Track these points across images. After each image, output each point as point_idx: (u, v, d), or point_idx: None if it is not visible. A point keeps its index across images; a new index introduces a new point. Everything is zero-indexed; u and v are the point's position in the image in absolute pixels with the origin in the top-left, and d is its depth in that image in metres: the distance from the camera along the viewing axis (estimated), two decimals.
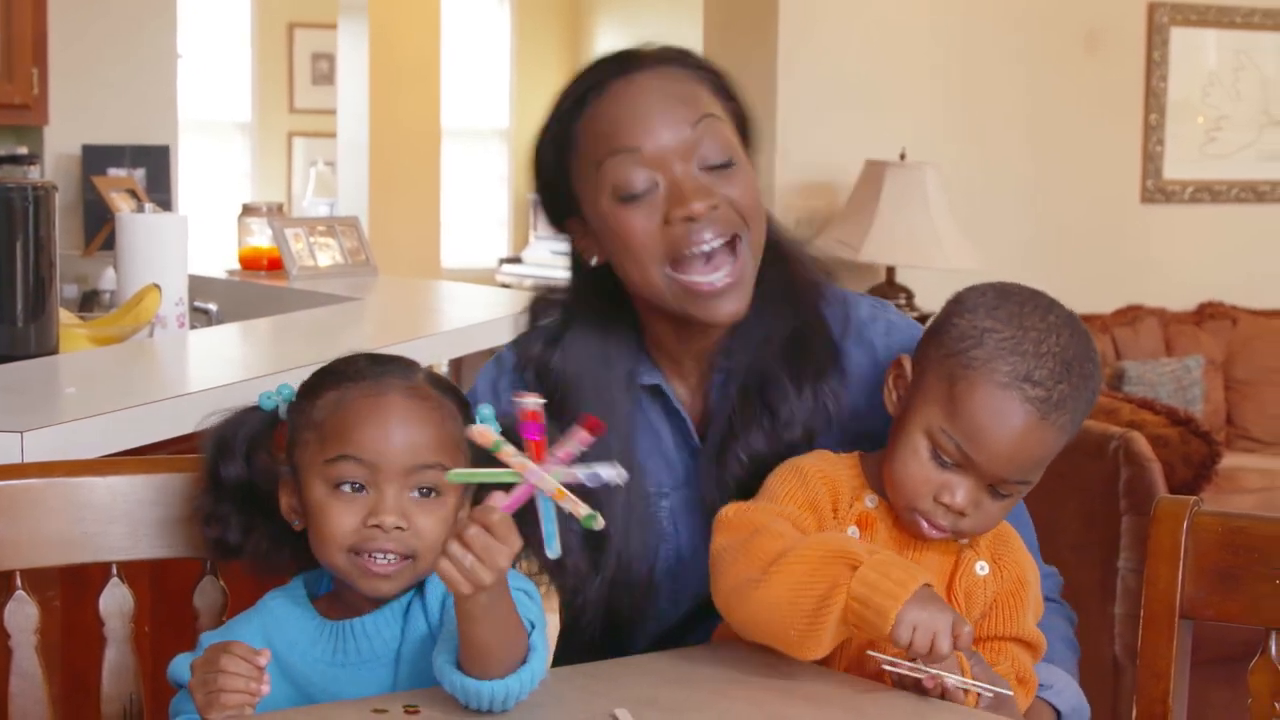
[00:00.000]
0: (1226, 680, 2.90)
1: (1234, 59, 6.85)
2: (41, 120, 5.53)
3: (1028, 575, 1.84)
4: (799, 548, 1.71)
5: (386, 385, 1.73)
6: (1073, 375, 1.74)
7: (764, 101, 6.02)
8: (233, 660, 1.60)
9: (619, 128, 1.83)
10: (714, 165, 1.85)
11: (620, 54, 1.92)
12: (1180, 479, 4.35)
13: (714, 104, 1.92)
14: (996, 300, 1.79)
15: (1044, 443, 1.74)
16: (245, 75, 11.34)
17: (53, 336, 3.17)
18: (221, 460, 1.78)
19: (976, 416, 1.73)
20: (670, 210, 1.82)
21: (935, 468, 1.76)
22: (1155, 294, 6.50)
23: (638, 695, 1.67)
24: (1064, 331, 1.77)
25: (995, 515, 1.79)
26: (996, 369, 1.73)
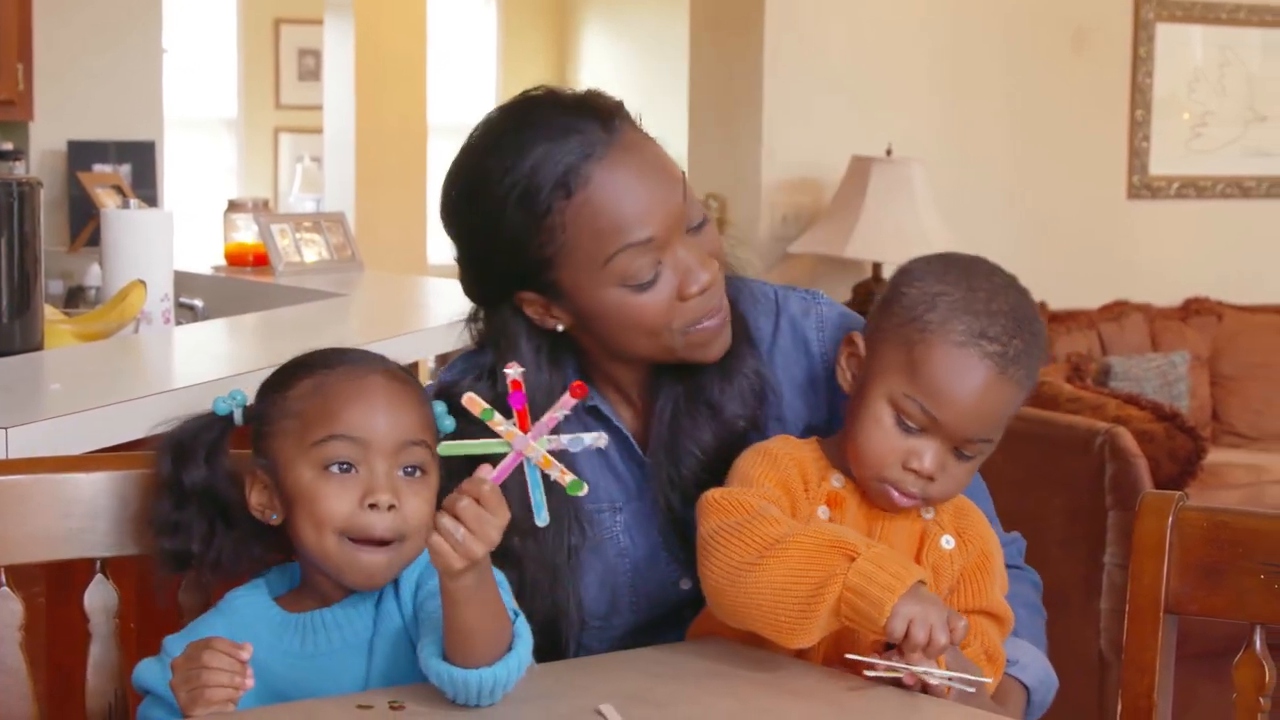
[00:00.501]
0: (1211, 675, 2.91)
1: (1220, 55, 6.86)
2: (27, 116, 5.52)
3: (991, 547, 1.87)
4: (797, 535, 1.72)
5: (367, 369, 1.75)
6: (1024, 331, 1.78)
7: (750, 98, 6.03)
8: (215, 655, 1.60)
9: (623, 222, 1.79)
10: (695, 226, 1.86)
11: (575, 124, 1.81)
12: (1166, 474, 4.36)
13: (667, 153, 1.90)
14: (943, 267, 1.83)
15: (1004, 398, 1.78)
16: (231, 71, 11.32)
17: (37, 333, 3.17)
18: (183, 466, 1.78)
19: (938, 376, 1.76)
20: (683, 288, 1.83)
21: (900, 434, 1.79)
22: (1141, 290, 6.51)
23: (623, 690, 1.67)
24: (1011, 291, 1.81)
25: (961, 479, 1.81)
26: (952, 329, 1.76)
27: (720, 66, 6.24)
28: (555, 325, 1.88)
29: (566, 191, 1.78)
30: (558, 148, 1.79)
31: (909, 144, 6.02)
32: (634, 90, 1.94)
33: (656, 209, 1.80)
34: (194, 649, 1.62)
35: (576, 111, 1.83)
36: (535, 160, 1.79)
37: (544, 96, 1.87)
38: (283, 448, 1.71)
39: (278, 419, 1.73)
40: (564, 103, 1.85)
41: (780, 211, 6.01)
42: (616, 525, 1.97)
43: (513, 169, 1.80)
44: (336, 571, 1.71)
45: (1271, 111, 6.97)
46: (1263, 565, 1.85)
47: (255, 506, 1.75)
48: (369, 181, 8.94)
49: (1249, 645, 1.86)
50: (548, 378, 1.90)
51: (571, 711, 1.61)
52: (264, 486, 1.74)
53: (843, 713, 1.65)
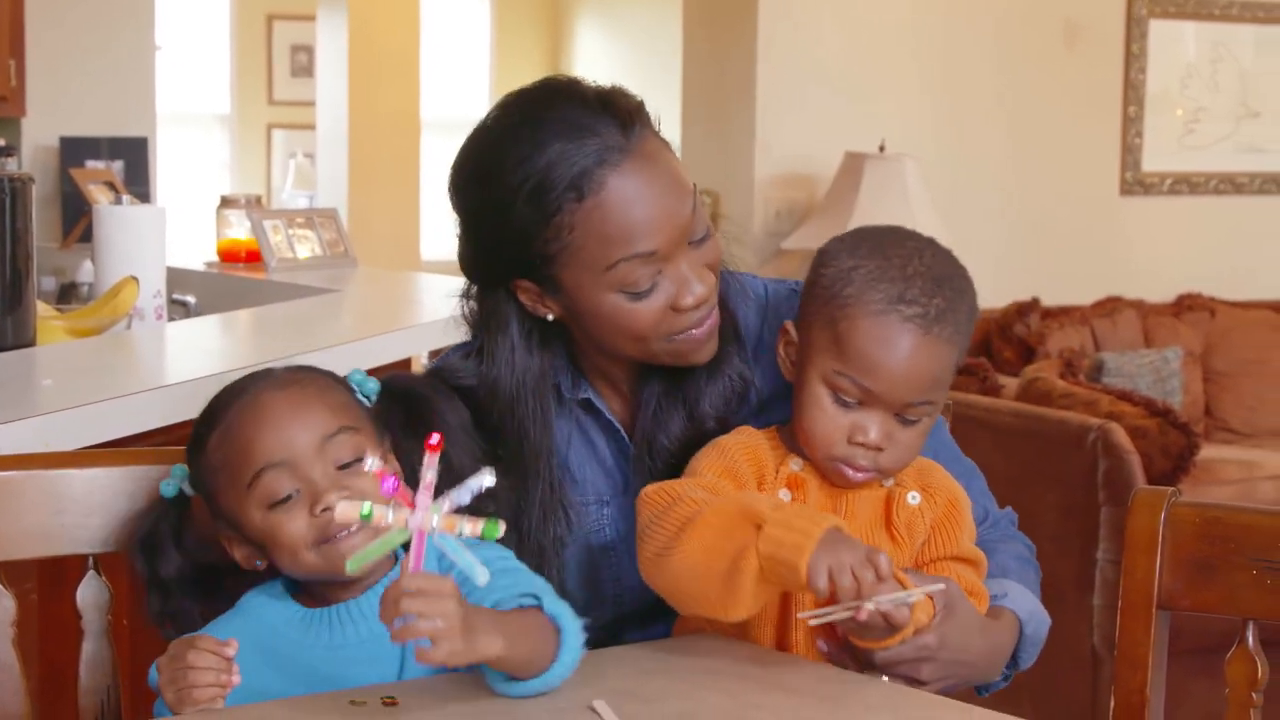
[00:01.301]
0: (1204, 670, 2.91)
1: (1212, 51, 6.86)
2: (19, 112, 5.51)
3: (957, 497, 1.88)
4: (706, 512, 1.73)
5: (256, 391, 1.72)
6: (945, 289, 1.80)
7: (744, 93, 6.03)
8: (200, 655, 1.60)
9: (630, 232, 1.79)
10: (698, 239, 1.87)
11: (594, 124, 1.81)
12: (1159, 470, 4.37)
13: (680, 162, 1.90)
14: (855, 241, 1.85)
15: (934, 357, 1.79)
16: (224, 67, 11.32)
17: (30, 329, 3.17)
18: (158, 562, 1.78)
19: (863, 348, 1.78)
20: (679, 300, 1.84)
21: (841, 411, 1.81)
22: (1134, 286, 6.51)
23: (615, 686, 1.67)
24: (926, 252, 1.83)
25: (911, 444, 1.83)
26: (870, 299, 1.78)
27: (713, 62, 6.24)
28: (546, 315, 1.90)
29: (579, 194, 1.79)
30: (575, 148, 1.79)
31: (902, 140, 6.02)
32: (627, 85, 1.93)
33: (665, 222, 1.81)
34: (178, 647, 1.62)
35: (597, 110, 1.83)
36: (551, 158, 1.80)
37: (566, 88, 1.87)
38: (227, 502, 1.71)
39: (210, 479, 1.73)
40: (586, 99, 1.85)
41: (774, 207, 6.01)
42: (603, 518, 1.99)
43: (527, 162, 1.81)
44: (332, 574, 1.70)
45: (1264, 107, 6.97)
46: (1255, 561, 1.85)
47: (243, 561, 1.74)
48: (362, 177, 8.94)
49: (1241, 640, 1.86)
50: (537, 361, 1.92)
51: (564, 707, 1.61)
52: (239, 541, 1.74)
53: (834, 708, 1.65)
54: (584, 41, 11.53)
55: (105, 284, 3.62)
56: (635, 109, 1.86)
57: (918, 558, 1.86)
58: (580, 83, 1.88)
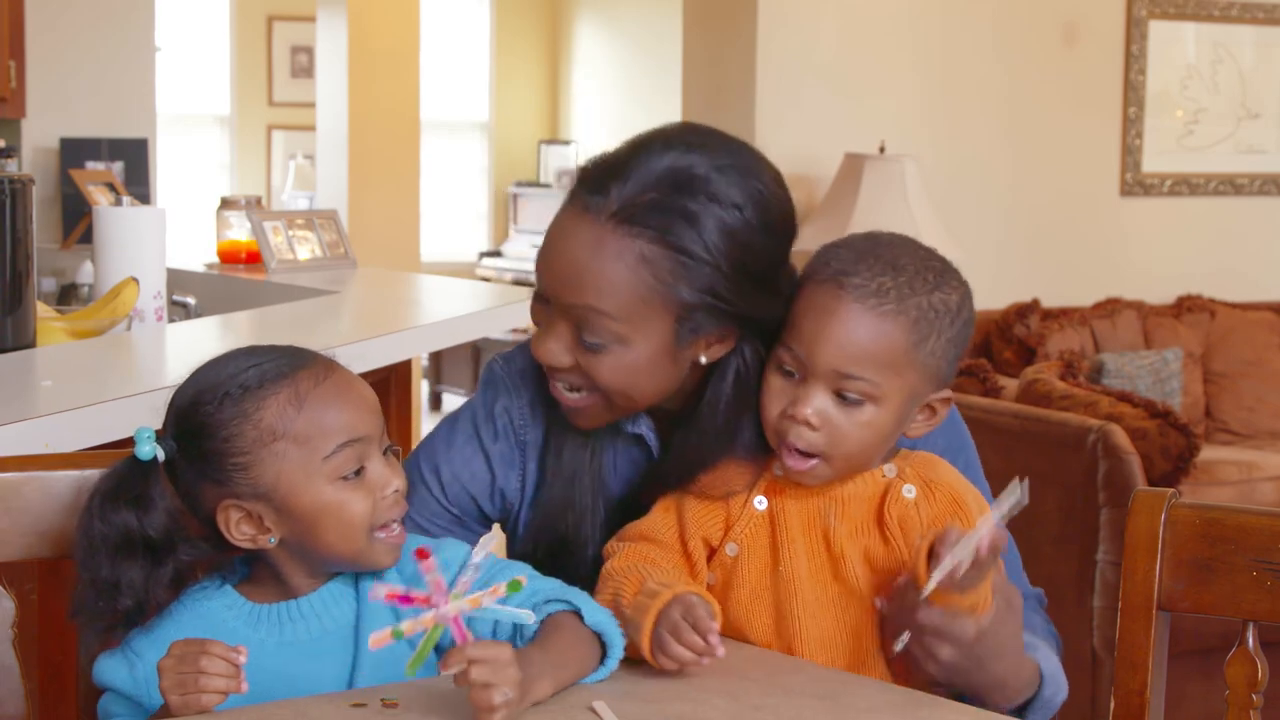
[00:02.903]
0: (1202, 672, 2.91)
1: (1212, 52, 6.86)
2: (19, 113, 5.51)
3: (965, 496, 1.86)
4: (599, 597, 1.80)
5: (322, 367, 1.74)
6: (902, 275, 1.79)
7: (743, 95, 6.03)
8: (213, 661, 1.59)
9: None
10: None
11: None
12: (1159, 471, 4.37)
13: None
14: (843, 242, 1.86)
15: (870, 330, 1.78)
16: (224, 68, 11.32)
17: (30, 330, 3.16)
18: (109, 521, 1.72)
19: (800, 314, 1.81)
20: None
21: (782, 383, 1.82)
22: (1134, 287, 6.51)
23: (615, 687, 1.68)
24: (896, 246, 1.84)
25: (850, 431, 1.80)
26: (819, 273, 1.81)
27: (712, 63, 6.24)
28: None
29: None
30: None
31: (902, 141, 6.02)
32: (626, 86, 1.93)
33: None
34: (187, 650, 1.60)
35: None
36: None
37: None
38: (284, 471, 1.68)
39: (257, 447, 1.69)
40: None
41: None
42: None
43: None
44: (371, 564, 1.72)
45: (1264, 109, 6.98)
46: (1255, 562, 1.85)
47: (243, 538, 1.72)
48: (362, 179, 8.93)
49: (1241, 642, 1.86)
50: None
51: (564, 707, 1.61)
52: (248, 515, 1.71)
53: (834, 709, 1.65)
54: (583, 43, 11.53)
55: (105, 285, 3.62)
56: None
57: (923, 555, 1.82)
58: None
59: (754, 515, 1.87)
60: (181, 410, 1.74)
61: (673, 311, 1.81)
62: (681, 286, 1.79)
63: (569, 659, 1.66)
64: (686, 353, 1.86)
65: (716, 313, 1.82)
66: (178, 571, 1.72)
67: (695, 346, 1.85)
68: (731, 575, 1.86)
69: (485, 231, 11.74)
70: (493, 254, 11.13)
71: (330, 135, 9.02)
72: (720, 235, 1.79)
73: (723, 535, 1.87)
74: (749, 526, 1.86)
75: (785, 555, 1.84)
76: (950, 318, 1.81)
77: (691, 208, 1.79)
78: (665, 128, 1.88)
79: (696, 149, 1.82)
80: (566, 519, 1.97)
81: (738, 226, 1.80)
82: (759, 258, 1.82)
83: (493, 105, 11.70)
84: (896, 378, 1.80)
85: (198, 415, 1.72)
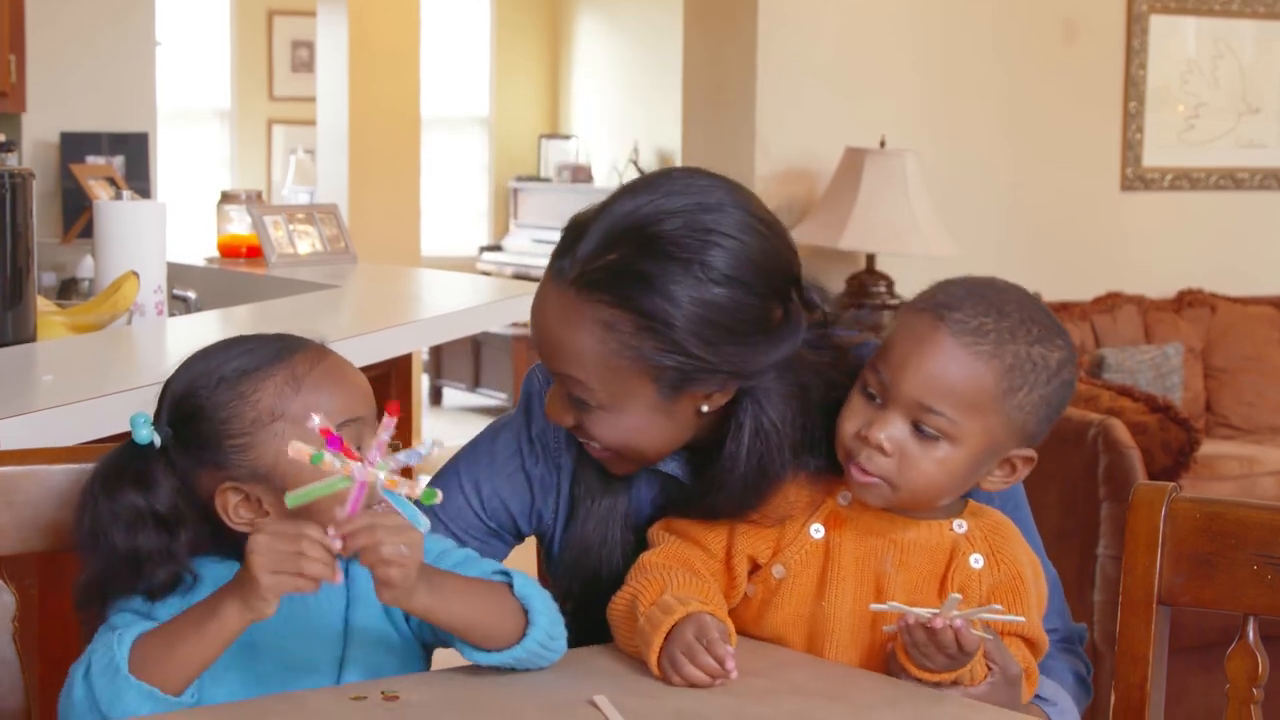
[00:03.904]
0: (1202, 667, 2.91)
1: (1213, 47, 6.85)
2: (19, 107, 5.51)
3: (1025, 570, 1.83)
4: (624, 591, 1.80)
5: (316, 349, 1.77)
6: (1005, 320, 1.74)
7: (743, 90, 6.02)
8: (314, 545, 1.56)
9: None
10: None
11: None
12: (1159, 466, 4.36)
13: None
14: (960, 278, 1.83)
15: (962, 366, 1.73)
16: (224, 62, 11.32)
17: (30, 324, 3.16)
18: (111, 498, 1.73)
19: (893, 340, 1.77)
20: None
21: (863, 404, 1.78)
22: (1134, 281, 6.50)
23: (616, 682, 1.68)
24: (1005, 292, 1.79)
25: (924, 466, 1.75)
26: (921, 304, 1.78)
27: (713, 58, 6.24)
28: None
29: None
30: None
31: (902, 136, 6.02)
32: (626, 81, 1.93)
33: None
34: (282, 529, 1.58)
35: None
36: None
37: None
38: (283, 452, 1.66)
39: (256, 428, 1.70)
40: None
41: (774, 203, 5.99)
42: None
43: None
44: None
45: (1264, 103, 6.97)
46: (1255, 556, 1.85)
47: (240, 521, 1.72)
48: (362, 173, 8.93)
49: (1242, 636, 1.86)
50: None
51: (565, 701, 1.61)
52: (246, 499, 1.72)
53: (835, 704, 1.65)
54: (584, 39, 11.52)
55: (106, 279, 3.61)
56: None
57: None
58: None
59: (808, 543, 1.82)
60: (177, 397, 1.75)
61: (648, 373, 1.75)
62: (649, 350, 1.73)
63: (478, 597, 1.67)
64: (681, 407, 1.80)
65: (697, 370, 1.75)
66: (194, 542, 1.73)
67: (688, 400, 1.80)
68: (773, 596, 1.83)
69: (485, 226, 11.73)
70: (493, 248, 11.12)
71: (331, 130, 9.02)
72: (682, 295, 1.71)
73: (771, 555, 1.83)
74: (801, 553, 1.82)
75: (832, 591, 1.81)
76: (1047, 374, 1.75)
77: (648, 268, 1.72)
78: (640, 177, 1.82)
79: (661, 199, 1.75)
80: (600, 554, 1.93)
81: (700, 284, 1.72)
82: (728, 312, 1.74)
83: (493, 100, 11.70)
84: (978, 421, 1.75)
85: (194, 400, 1.73)
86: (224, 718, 1.58)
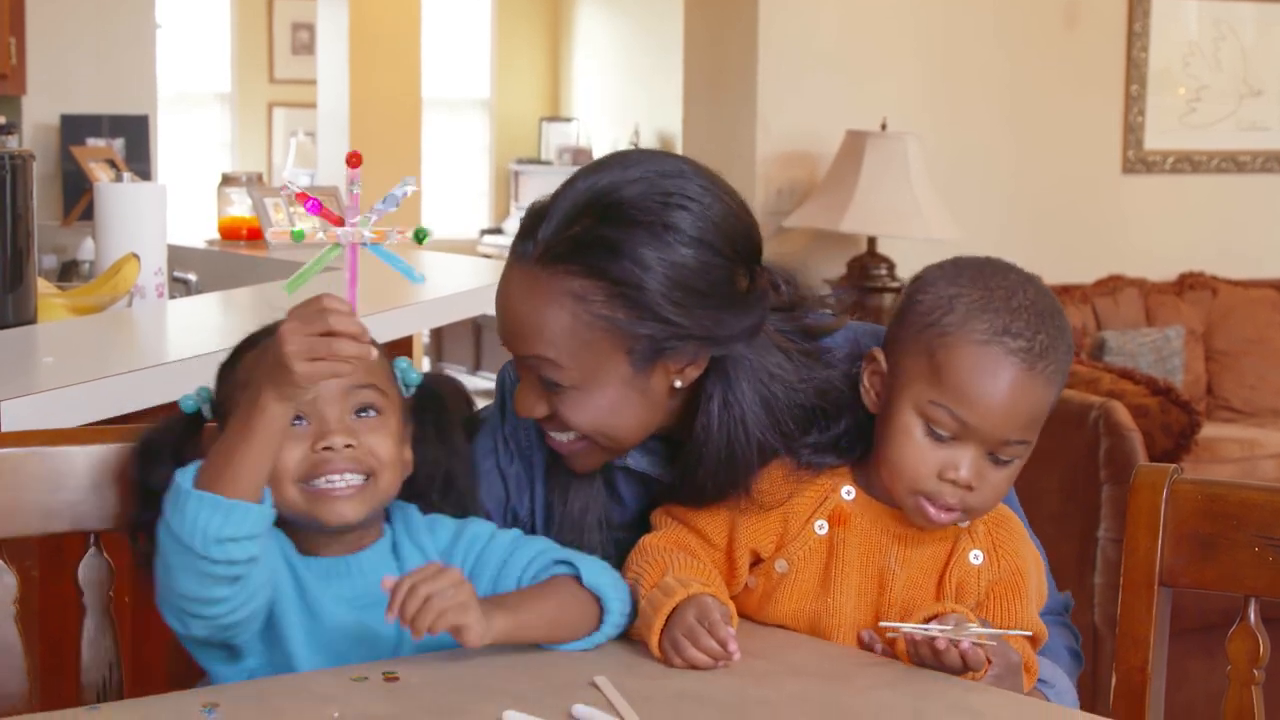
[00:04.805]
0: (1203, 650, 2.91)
1: (1214, 29, 6.85)
2: (19, 90, 5.51)
3: (1027, 565, 1.82)
4: (626, 574, 1.79)
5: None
6: (1048, 325, 1.73)
7: (745, 72, 6.02)
8: (343, 320, 1.56)
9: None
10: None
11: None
12: (1160, 448, 4.36)
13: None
14: (955, 270, 1.79)
15: (1035, 393, 1.72)
16: (225, 45, 11.31)
17: (31, 306, 3.16)
18: (149, 468, 1.77)
19: (964, 377, 1.71)
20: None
21: (932, 444, 1.74)
22: (1136, 264, 6.50)
23: (617, 662, 1.68)
24: (1029, 287, 1.76)
25: (999, 486, 1.76)
26: (974, 329, 1.72)
27: (714, 40, 6.23)
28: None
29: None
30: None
31: (903, 118, 6.01)
32: (627, 64, 1.92)
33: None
34: (307, 312, 1.58)
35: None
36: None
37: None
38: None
39: (232, 396, 1.72)
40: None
41: (775, 185, 6.00)
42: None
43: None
44: (307, 518, 1.71)
45: (1266, 85, 6.96)
46: (1256, 537, 1.85)
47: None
48: (363, 156, 8.94)
49: (1243, 618, 1.86)
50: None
51: (566, 682, 1.61)
52: None
53: (836, 686, 1.65)
54: (584, 19, 11.51)
55: (106, 261, 3.61)
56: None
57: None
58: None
59: (812, 539, 1.81)
60: (220, 367, 1.80)
61: (621, 344, 1.75)
62: (620, 317, 1.73)
63: (549, 603, 1.70)
64: (654, 382, 1.79)
65: (670, 337, 1.75)
66: None
67: (661, 374, 1.79)
68: (775, 590, 1.82)
69: (486, 209, 11.73)
70: (494, 231, 11.12)
71: (331, 112, 9.02)
72: (650, 258, 1.72)
73: (775, 549, 1.82)
74: (805, 549, 1.81)
75: (836, 587, 1.80)
76: (1070, 354, 1.78)
77: (614, 235, 1.72)
78: (596, 160, 1.83)
79: (618, 171, 1.76)
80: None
81: (668, 246, 1.72)
82: (697, 274, 1.74)
83: (494, 82, 11.69)
84: (1039, 428, 1.77)
85: (219, 371, 1.79)
86: (233, 697, 1.58)
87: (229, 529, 1.57)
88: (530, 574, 1.75)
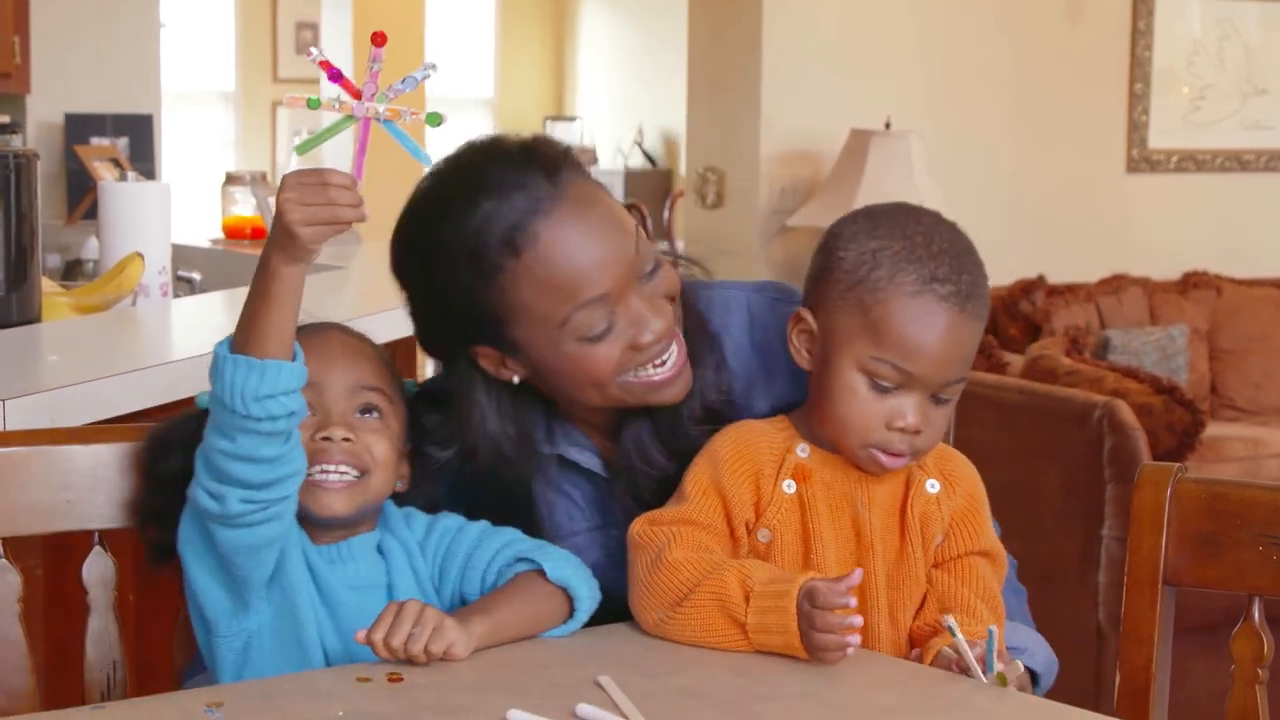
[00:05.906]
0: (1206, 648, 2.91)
1: (1218, 28, 6.84)
2: (23, 89, 5.51)
3: (977, 489, 1.87)
4: (692, 597, 1.75)
5: (325, 328, 1.83)
6: (968, 264, 1.78)
7: (748, 71, 6.02)
8: (340, 191, 1.63)
9: (575, 281, 1.78)
10: (648, 273, 1.85)
11: (520, 178, 1.81)
12: (1164, 447, 4.36)
13: (617, 201, 1.89)
14: (872, 223, 1.81)
15: (969, 332, 1.77)
16: (229, 44, 11.30)
17: (35, 305, 3.17)
18: (160, 457, 1.81)
19: (904, 331, 1.75)
20: (638, 338, 1.82)
21: (877, 396, 1.77)
22: (1140, 263, 6.50)
23: (621, 662, 1.68)
24: (943, 229, 1.80)
25: (941, 424, 1.81)
26: (903, 281, 1.75)
27: (718, 39, 6.23)
28: (511, 377, 1.87)
29: (514, 250, 1.78)
30: (503, 205, 1.79)
31: (906, 117, 6.00)
32: (630, 63, 1.92)
33: (608, 264, 1.80)
34: (306, 180, 1.63)
35: (521, 164, 1.82)
36: (481, 218, 1.79)
37: (488, 147, 1.87)
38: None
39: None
40: (509, 154, 1.84)
41: (779, 184, 6.00)
42: (577, 548, 1.93)
43: (459, 227, 1.81)
44: (299, 508, 1.73)
45: (1270, 84, 6.96)
46: (1260, 536, 1.85)
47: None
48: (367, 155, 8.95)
49: (1247, 616, 1.86)
50: (513, 427, 1.89)
51: (571, 681, 1.61)
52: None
53: (837, 682, 1.66)
54: (588, 18, 11.51)
55: (110, 260, 3.61)
56: (560, 156, 1.84)
57: (939, 556, 1.84)
58: (503, 139, 1.88)
59: (784, 499, 1.82)
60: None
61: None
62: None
63: (519, 608, 1.74)
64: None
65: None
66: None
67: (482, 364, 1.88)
68: (764, 560, 1.82)
69: None
70: None
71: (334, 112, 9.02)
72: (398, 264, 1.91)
73: (755, 518, 1.83)
74: (780, 511, 1.82)
75: (816, 544, 1.81)
76: (987, 286, 1.83)
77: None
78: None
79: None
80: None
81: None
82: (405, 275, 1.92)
83: (497, 81, 11.69)
84: (971, 362, 1.82)
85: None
86: (238, 695, 1.59)
87: (265, 386, 1.63)
88: (497, 565, 1.79)
